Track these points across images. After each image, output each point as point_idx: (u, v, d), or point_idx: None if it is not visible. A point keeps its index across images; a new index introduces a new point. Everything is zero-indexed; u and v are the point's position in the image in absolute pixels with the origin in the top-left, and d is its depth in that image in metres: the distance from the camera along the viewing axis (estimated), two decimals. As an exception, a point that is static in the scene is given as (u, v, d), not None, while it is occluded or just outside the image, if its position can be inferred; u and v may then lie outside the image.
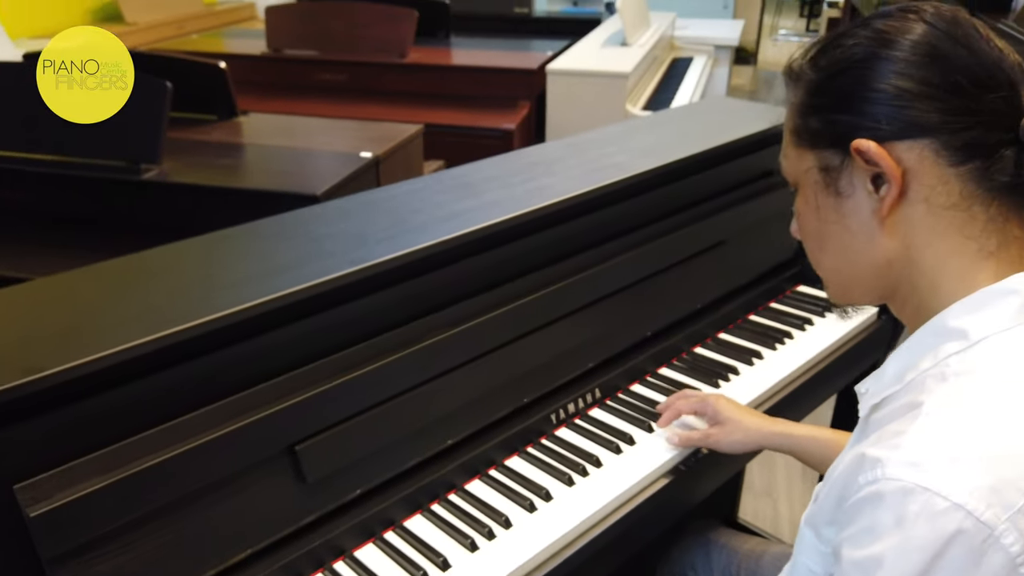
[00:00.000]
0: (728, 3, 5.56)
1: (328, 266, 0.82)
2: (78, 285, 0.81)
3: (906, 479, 0.49)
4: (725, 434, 0.96)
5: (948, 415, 0.52)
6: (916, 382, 0.57)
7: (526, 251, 1.03)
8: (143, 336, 0.67)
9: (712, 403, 0.98)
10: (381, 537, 0.85)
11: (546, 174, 1.13)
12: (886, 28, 0.58)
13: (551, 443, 1.00)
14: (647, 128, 1.38)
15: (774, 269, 1.39)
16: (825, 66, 0.61)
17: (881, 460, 0.51)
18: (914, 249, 0.59)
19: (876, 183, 0.58)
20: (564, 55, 2.85)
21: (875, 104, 0.57)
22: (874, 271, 0.62)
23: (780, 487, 2.00)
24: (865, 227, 0.60)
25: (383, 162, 1.64)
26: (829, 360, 1.23)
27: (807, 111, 0.62)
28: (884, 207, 0.58)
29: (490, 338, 0.96)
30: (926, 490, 0.48)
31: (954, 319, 0.57)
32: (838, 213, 0.61)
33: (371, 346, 0.86)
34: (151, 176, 1.52)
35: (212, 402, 0.74)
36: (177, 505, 0.72)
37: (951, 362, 0.55)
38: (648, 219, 1.20)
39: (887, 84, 0.57)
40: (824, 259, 0.65)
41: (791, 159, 0.65)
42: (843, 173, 0.60)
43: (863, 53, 0.58)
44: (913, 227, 0.58)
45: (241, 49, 3.14)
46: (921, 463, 0.50)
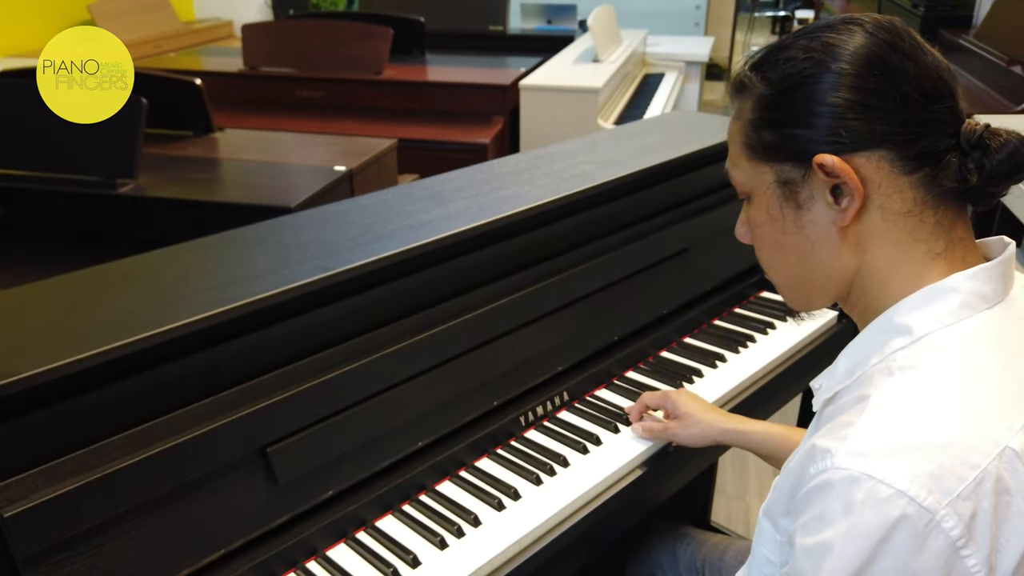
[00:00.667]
0: (699, 21, 5.67)
1: (298, 273, 0.85)
2: (53, 293, 0.83)
3: (852, 468, 0.52)
4: (683, 427, 0.99)
5: (892, 407, 0.55)
6: (865, 376, 0.59)
7: (494, 258, 1.06)
8: (116, 340, 0.69)
9: (673, 398, 1.02)
10: (353, 537, 0.87)
11: (514, 184, 1.16)
12: (832, 41, 0.60)
13: (520, 444, 1.02)
14: (613, 140, 1.42)
15: (738, 276, 1.44)
16: (776, 80, 0.62)
17: (830, 451, 0.54)
18: (868, 253, 0.61)
19: (835, 194, 0.60)
20: (537, 71, 2.91)
21: (831, 118, 0.59)
22: (831, 276, 0.64)
23: (752, 490, 2.04)
24: (824, 236, 0.62)
25: (357, 176, 1.67)
26: (791, 362, 1.27)
27: (760, 124, 0.63)
28: (846, 218, 0.60)
29: (459, 343, 0.99)
30: (871, 478, 0.51)
31: (900, 316, 0.60)
32: (797, 224, 0.63)
33: (342, 350, 0.88)
34: (127, 191, 1.54)
35: (185, 405, 0.76)
36: (150, 506, 0.73)
37: (897, 357, 0.58)
38: (613, 227, 1.24)
39: (840, 98, 0.58)
40: (782, 267, 0.67)
41: (743, 170, 0.66)
42: (803, 186, 0.61)
43: (813, 67, 0.60)
44: (869, 234, 0.61)
45: (218, 67, 3.16)
46: (866, 452, 0.52)
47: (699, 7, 5.67)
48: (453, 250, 0.99)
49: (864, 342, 0.62)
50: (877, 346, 0.60)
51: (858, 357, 0.62)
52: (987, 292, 0.59)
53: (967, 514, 0.50)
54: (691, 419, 0.99)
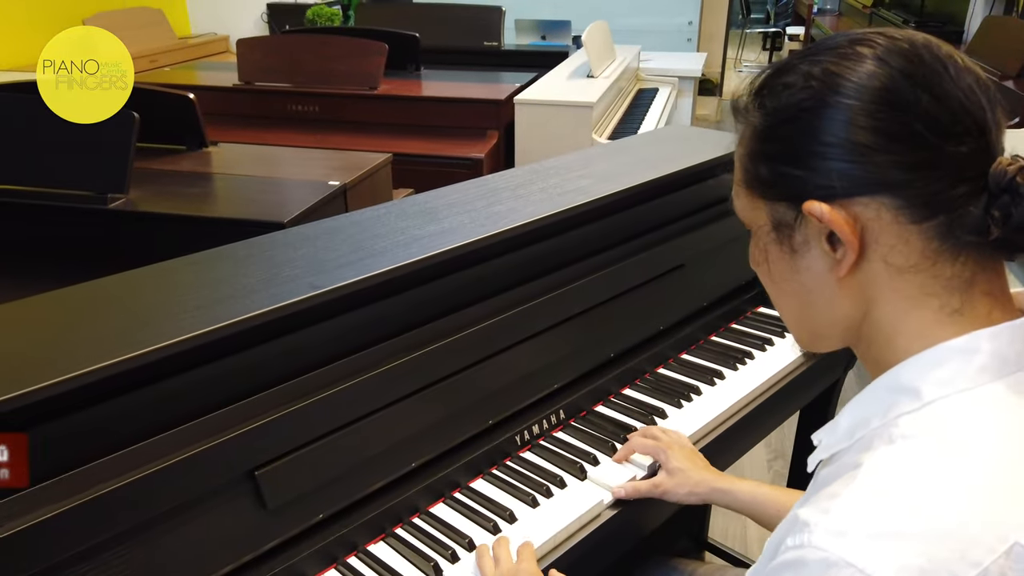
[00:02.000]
0: (692, 36, 5.71)
1: (287, 291, 0.83)
2: (32, 312, 0.81)
3: (830, 550, 0.46)
4: (675, 486, 0.95)
5: (885, 482, 0.48)
6: (864, 440, 0.53)
7: (488, 275, 1.04)
8: (97, 362, 0.67)
9: (666, 451, 0.97)
10: (344, 562, 0.85)
11: (509, 199, 1.15)
12: (835, 69, 0.53)
13: (516, 465, 1.00)
14: (608, 155, 1.41)
15: (734, 291, 1.42)
16: (772, 111, 0.56)
17: (809, 525, 0.48)
18: (872, 305, 0.55)
19: (832, 241, 0.54)
20: (532, 87, 2.91)
21: (826, 159, 0.52)
22: (834, 324, 0.58)
23: (750, 508, 2.01)
24: (821, 283, 0.56)
25: (351, 190, 1.66)
26: (790, 379, 1.25)
27: (756, 157, 0.57)
28: (841, 269, 0.54)
29: (453, 361, 0.97)
30: (849, 565, 0.45)
31: (908, 375, 0.53)
32: (792, 269, 0.57)
33: (332, 370, 0.87)
34: (117, 205, 1.52)
35: (169, 428, 0.74)
36: (136, 531, 0.71)
37: (900, 423, 0.51)
38: (609, 243, 1.22)
39: (838, 137, 0.52)
40: (783, 308, 0.62)
41: (742, 202, 0.61)
42: (797, 230, 0.55)
43: (811, 100, 0.53)
44: (871, 285, 0.54)
45: (213, 81, 3.16)
46: (848, 533, 0.46)
47: (691, 23, 5.71)
48: (446, 267, 0.98)
49: (868, 400, 0.55)
50: (881, 407, 0.53)
51: (860, 416, 0.55)
52: (1012, 355, 0.51)
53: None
54: (683, 476, 0.95)
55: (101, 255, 1.54)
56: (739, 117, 0.60)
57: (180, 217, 1.48)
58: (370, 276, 0.89)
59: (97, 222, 1.53)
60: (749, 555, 1.78)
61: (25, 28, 3.89)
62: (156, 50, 4.25)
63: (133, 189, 1.56)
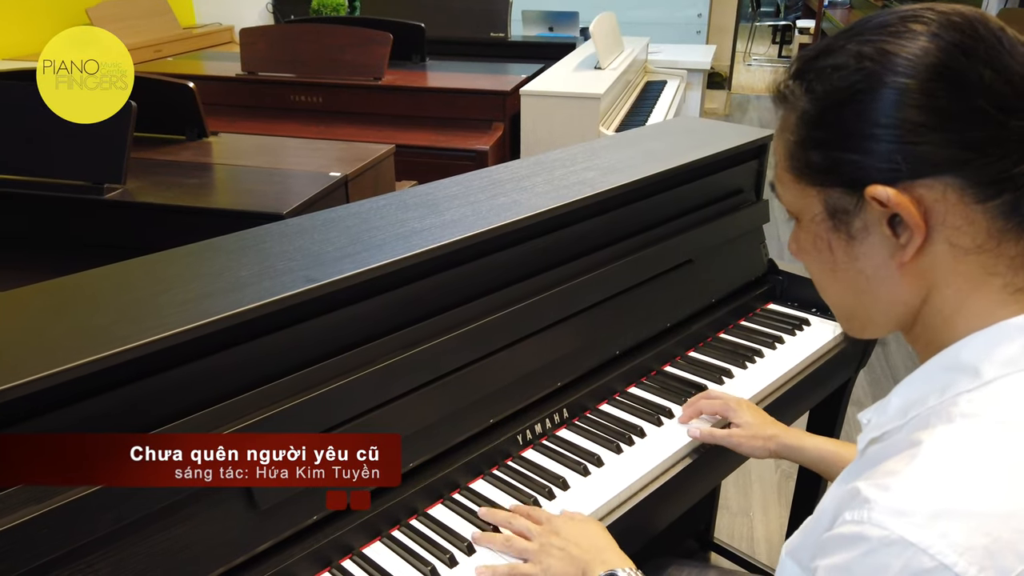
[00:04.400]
0: (701, 29, 5.65)
1: (281, 284, 0.80)
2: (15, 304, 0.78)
3: (891, 528, 0.45)
4: (747, 438, 0.98)
5: (946, 461, 0.47)
6: (920, 419, 0.52)
7: (490, 269, 1.01)
8: (80, 358, 0.64)
9: (734, 407, 1.01)
10: (338, 565, 0.82)
11: (512, 191, 1.12)
12: (889, 48, 0.51)
13: (517, 465, 0.97)
14: (615, 146, 1.38)
15: (744, 287, 1.39)
16: (822, 95, 0.54)
17: (869, 501, 0.47)
18: (933, 288, 0.54)
19: (893, 225, 0.52)
20: (538, 78, 2.87)
21: (886, 142, 0.50)
22: (890, 311, 0.57)
23: (756, 506, 1.98)
24: (880, 270, 0.54)
25: (352, 182, 1.63)
26: (800, 378, 1.22)
27: (806, 144, 0.55)
28: (906, 254, 0.52)
29: (453, 358, 0.94)
30: (911, 545, 0.44)
31: (968, 354, 0.52)
32: (850, 256, 0.55)
33: (327, 366, 0.84)
34: (114, 196, 1.49)
35: (156, 426, 0.71)
36: (125, 533, 0.68)
37: (959, 401, 0.50)
38: (615, 237, 1.19)
39: (898, 117, 0.50)
40: (835, 297, 0.60)
41: (789, 191, 0.58)
42: (856, 216, 0.53)
43: (866, 81, 0.51)
44: (934, 268, 0.53)
45: (217, 71, 3.13)
46: (909, 512, 0.45)
47: (701, 15, 5.65)
48: (447, 261, 0.95)
49: (923, 379, 0.54)
50: (938, 385, 0.52)
51: (915, 395, 0.54)
52: None
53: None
54: (754, 429, 0.97)
55: (97, 247, 1.52)
56: (782, 103, 0.57)
57: (176, 208, 1.46)
58: (368, 270, 0.85)
59: (93, 213, 1.50)
60: (755, 556, 1.75)
61: (29, 17, 3.87)
62: (160, 40, 4.23)
63: (131, 179, 1.53)
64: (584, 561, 0.79)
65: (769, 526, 1.92)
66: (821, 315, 1.35)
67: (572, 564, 0.79)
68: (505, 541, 0.84)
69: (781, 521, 1.92)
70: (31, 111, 1.53)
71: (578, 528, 0.83)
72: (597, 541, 0.82)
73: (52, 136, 1.50)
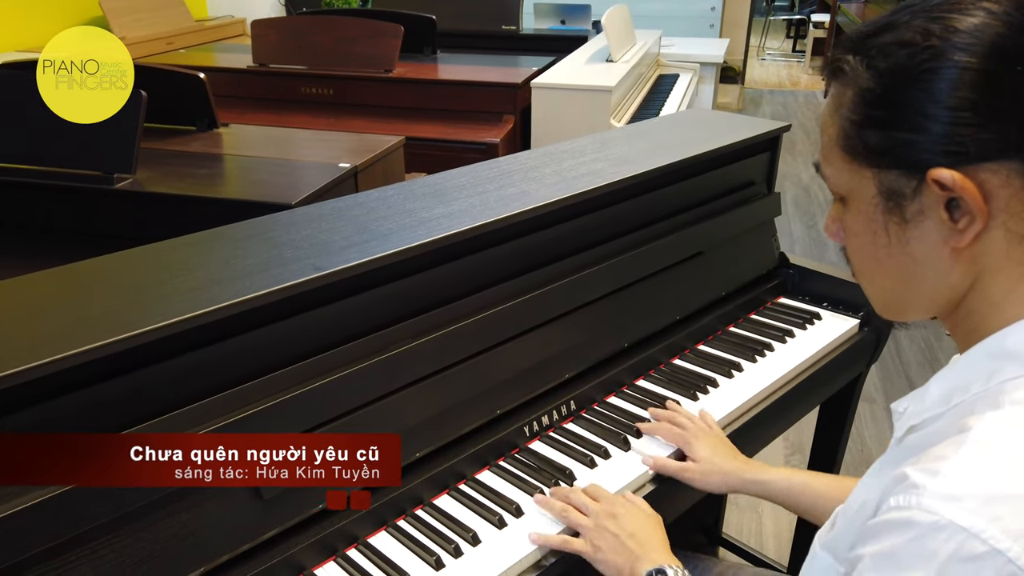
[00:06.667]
0: (714, 23, 5.61)
1: (288, 272, 0.80)
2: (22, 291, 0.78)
3: (941, 513, 0.45)
4: (703, 474, 0.93)
5: (997, 446, 0.47)
6: (964, 405, 0.52)
7: (498, 259, 1.01)
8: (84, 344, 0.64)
9: (691, 442, 0.96)
10: (343, 554, 0.82)
11: (520, 181, 1.11)
12: (957, 24, 0.49)
13: (524, 456, 0.97)
14: (625, 138, 1.37)
15: (755, 280, 1.38)
16: (886, 71, 0.52)
17: (918, 486, 0.47)
18: (984, 274, 0.53)
19: (950, 209, 0.51)
20: (549, 70, 2.86)
21: (951, 123, 0.49)
22: (935, 297, 0.56)
23: (765, 502, 1.97)
24: (931, 255, 0.53)
25: (362, 173, 1.62)
26: (810, 372, 1.21)
27: (863, 123, 0.53)
28: (963, 239, 0.51)
29: (460, 348, 0.94)
30: (963, 530, 0.44)
31: (1014, 341, 0.52)
32: (901, 240, 0.54)
33: (334, 355, 0.83)
34: (124, 186, 1.50)
35: (160, 414, 0.71)
36: (132, 520, 0.69)
37: (1006, 387, 0.50)
38: (625, 229, 1.18)
39: (964, 98, 0.49)
40: (878, 280, 0.59)
41: (839, 170, 0.57)
42: (912, 199, 0.52)
43: (934, 60, 0.50)
44: (987, 254, 0.52)
45: (228, 63, 3.13)
46: (961, 497, 0.45)
47: (714, 9, 5.61)
48: (454, 250, 0.94)
49: (966, 366, 0.54)
50: (982, 372, 0.52)
51: (958, 382, 0.53)
52: None
53: None
54: (711, 465, 0.93)
55: (107, 236, 1.52)
56: (835, 78, 0.56)
57: (186, 198, 1.46)
58: (375, 259, 0.85)
59: (103, 202, 1.51)
60: (764, 551, 1.74)
61: (44, 9, 3.89)
62: (172, 32, 4.24)
63: (141, 169, 1.54)
64: (635, 556, 0.79)
65: (777, 521, 1.91)
66: (832, 309, 1.34)
67: (622, 554, 0.79)
68: (563, 510, 0.85)
69: (790, 517, 1.90)
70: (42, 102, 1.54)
71: (635, 518, 0.83)
72: (651, 536, 0.81)
73: (63, 126, 1.49)
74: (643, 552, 0.79)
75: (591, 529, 0.82)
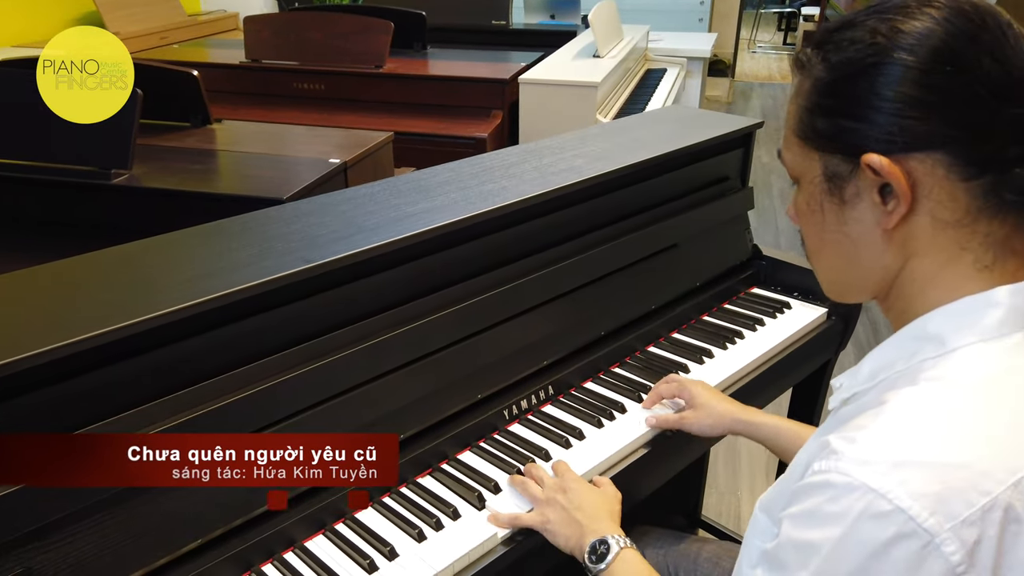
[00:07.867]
0: (703, 16, 5.64)
1: (279, 264, 0.85)
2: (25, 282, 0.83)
3: (854, 475, 0.50)
4: (697, 419, 1.01)
5: (908, 417, 0.52)
6: (887, 381, 0.57)
7: (479, 252, 1.06)
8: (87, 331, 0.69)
9: (689, 388, 1.04)
10: (331, 528, 0.87)
11: (502, 177, 1.16)
12: (902, 27, 0.55)
13: (503, 437, 1.03)
14: (604, 134, 1.42)
15: (728, 271, 1.43)
16: (836, 64, 0.57)
17: (836, 452, 0.52)
18: (912, 257, 0.58)
19: (883, 194, 0.56)
20: (537, 66, 2.90)
21: (887, 114, 0.54)
22: (870, 276, 0.61)
23: (743, 485, 2.04)
24: (866, 236, 0.59)
25: (351, 168, 1.67)
26: (779, 358, 1.27)
27: (815, 110, 0.59)
28: (890, 221, 0.57)
29: (443, 335, 0.99)
30: (872, 490, 0.49)
31: (934, 324, 0.57)
32: (840, 220, 0.60)
33: (323, 343, 0.89)
34: (121, 181, 1.54)
35: (159, 396, 0.76)
36: (124, 497, 0.73)
37: (924, 366, 0.55)
38: (602, 222, 1.23)
39: (900, 92, 0.54)
40: (823, 259, 0.64)
41: (794, 154, 0.62)
42: (849, 182, 0.58)
43: (876, 56, 0.55)
44: (914, 238, 0.57)
45: (221, 59, 3.17)
46: (872, 461, 0.50)
47: (703, 2, 5.64)
48: (437, 243, 0.99)
49: (893, 346, 0.59)
50: (906, 352, 0.58)
51: (884, 361, 0.59)
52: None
53: (971, 540, 0.48)
54: (706, 409, 1.01)
55: (104, 231, 1.57)
56: (800, 70, 0.61)
57: (181, 193, 1.50)
58: (362, 251, 0.90)
59: (100, 197, 1.55)
60: (742, 532, 1.80)
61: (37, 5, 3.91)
62: (165, 27, 4.26)
63: (137, 165, 1.58)
64: (582, 527, 0.84)
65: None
66: (802, 299, 1.39)
67: (570, 526, 0.85)
68: (522, 483, 0.91)
69: (768, 500, 1.96)
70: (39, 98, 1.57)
71: (587, 494, 0.88)
72: (598, 509, 0.86)
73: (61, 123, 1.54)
74: (589, 524, 0.84)
75: (542, 502, 0.88)
